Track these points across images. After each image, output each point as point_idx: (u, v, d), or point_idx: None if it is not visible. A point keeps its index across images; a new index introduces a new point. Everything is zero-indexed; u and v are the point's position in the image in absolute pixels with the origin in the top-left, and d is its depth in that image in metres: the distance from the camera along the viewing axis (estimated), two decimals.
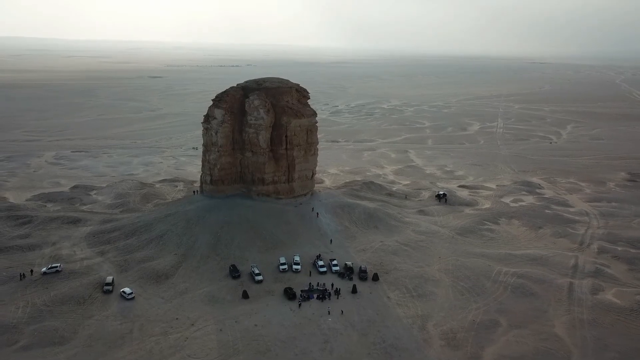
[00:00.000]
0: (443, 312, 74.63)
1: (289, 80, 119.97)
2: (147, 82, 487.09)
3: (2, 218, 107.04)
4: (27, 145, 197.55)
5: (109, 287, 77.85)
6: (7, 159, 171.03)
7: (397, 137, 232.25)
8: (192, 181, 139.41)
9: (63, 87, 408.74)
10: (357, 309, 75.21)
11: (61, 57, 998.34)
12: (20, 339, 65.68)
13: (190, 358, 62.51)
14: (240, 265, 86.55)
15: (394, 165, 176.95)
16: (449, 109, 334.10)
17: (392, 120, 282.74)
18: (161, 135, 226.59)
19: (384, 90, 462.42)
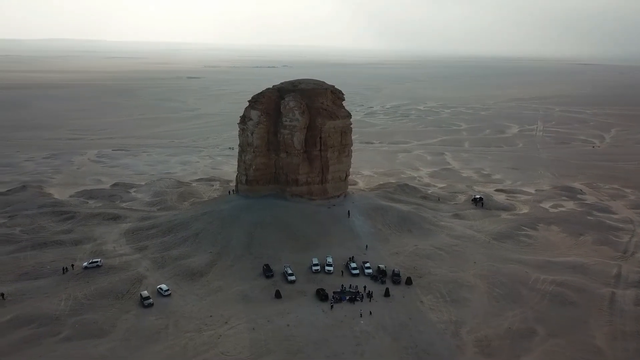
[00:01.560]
0: (477, 319, 73.25)
1: (324, 82, 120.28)
2: (185, 82, 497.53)
3: (47, 213, 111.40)
4: (71, 143, 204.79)
5: (150, 301, 74.97)
6: (53, 157, 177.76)
7: (432, 139, 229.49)
8: (228, 181, 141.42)
9: (105, 88, 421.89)
10: (390, 312, 74.65)
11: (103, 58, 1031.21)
12: (63, 330, 68.09)
13: (224, 355, 63.40)
14: (273, 265, 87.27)
15: (429, 167, 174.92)
16: (487, 111, 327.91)
17: (427, 122, 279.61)
18: (198, 135, 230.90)
19: (420, 91, 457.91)
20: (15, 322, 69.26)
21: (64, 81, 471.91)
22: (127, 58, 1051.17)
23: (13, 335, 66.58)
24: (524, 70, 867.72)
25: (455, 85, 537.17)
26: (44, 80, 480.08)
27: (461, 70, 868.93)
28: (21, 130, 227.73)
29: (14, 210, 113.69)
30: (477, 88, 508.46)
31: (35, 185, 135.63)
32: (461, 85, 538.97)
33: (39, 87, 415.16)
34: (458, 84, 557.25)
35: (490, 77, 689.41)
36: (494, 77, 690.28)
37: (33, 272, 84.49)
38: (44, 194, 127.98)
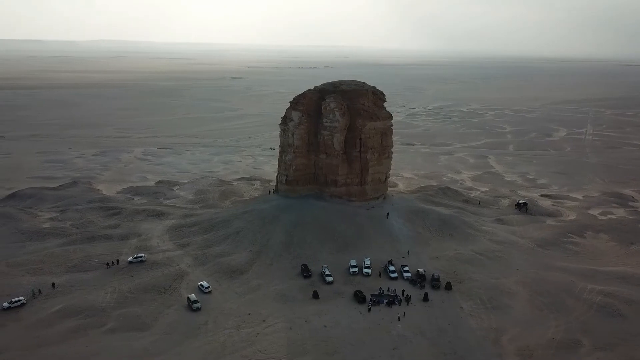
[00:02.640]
0: (519, 327, 71.22)
1: (365, 83, 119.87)
2: (228, 83, 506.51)
3: (95, 209, 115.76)
4: (119, 141, 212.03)
5: (198, 305, 74.36)
6: (102, 154, 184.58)
7: (476, 142, 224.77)
8: (268, 180, 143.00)
9: (152, 88, 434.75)
10: (428, 317, 73.64)
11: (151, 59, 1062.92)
12: (108, 322, 70.58)
13: (261, 353, 64.12)
14: (311, 265, 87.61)
15: (471, 170, 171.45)
16: (532, 114, 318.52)
17: (471, 124, 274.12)
18: (240, 134, 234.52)
19: (464, 93, 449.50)
20: (64, 312, 72.32)
21: (113, 81, 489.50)
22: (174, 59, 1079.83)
23: (62, 325, 69.53)
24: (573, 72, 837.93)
25: (500, 87, 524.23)
26: (95, 80, 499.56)
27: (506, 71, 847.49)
28: (73, 128, 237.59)
29: (65, 205, 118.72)
30: (522, 89, 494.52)
31: (85, 181, 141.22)
32: (506, 87, 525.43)
33: (90, 86, 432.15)
34: (503, 86, 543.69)
35: (537, 78, 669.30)
36: (540, 78, 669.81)
37: (81, 265, 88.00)
38: (93, 190, 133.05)
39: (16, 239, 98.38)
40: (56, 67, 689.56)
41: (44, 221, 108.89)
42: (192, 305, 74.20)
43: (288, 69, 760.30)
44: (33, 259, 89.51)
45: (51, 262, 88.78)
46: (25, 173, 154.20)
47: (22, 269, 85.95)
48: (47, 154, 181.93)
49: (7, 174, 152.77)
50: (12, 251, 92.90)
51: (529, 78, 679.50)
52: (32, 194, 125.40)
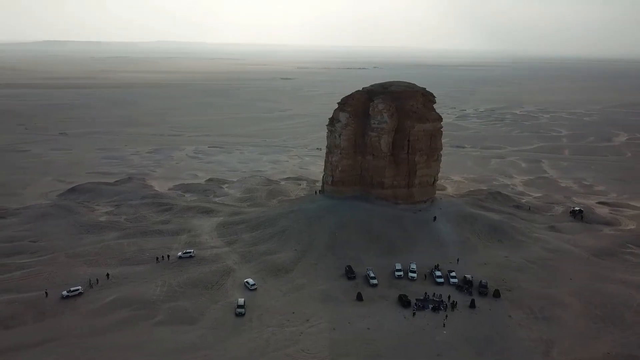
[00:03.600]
0: (571, 339, 68.36)
1: (415, 84, 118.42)
2: (278, 83, 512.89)
3: (148, 204, 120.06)
4: (172, 139, 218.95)
5: (241, 310, 73.56)
6: (155, 151, 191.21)
7: (529, 146, 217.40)
8: (315, 181, 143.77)
9: (204, 87, 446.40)
10: (475, 325, 71.92)
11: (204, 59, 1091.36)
12: (157, 314, 73.05)
13: (304, 353, 64.55)
14: (355, 267, 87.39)
15: (524, 175, 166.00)
16: (591, 117, 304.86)
17: (524, 127, 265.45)
18: (289, 135, 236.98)
19: (518, 95, 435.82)
20: (116, 303, 75.43)
21: (168, 81, 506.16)
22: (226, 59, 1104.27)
23: (114, 315, 72.56)
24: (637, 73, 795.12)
25: (557, 89, 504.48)
26: (151, 80, 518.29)
27: (563, 72, 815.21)
28: (129, 126, 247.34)
29: (120, 200, 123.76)
30: (580, 92, 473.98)
31: (139, 178, 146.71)
32: (563, 89, 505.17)
33: (147, 86, 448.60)
34: (560, 87, 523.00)
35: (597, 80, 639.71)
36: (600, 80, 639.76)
37: (134, 258, 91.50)
38: (146, 186, 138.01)
39: (75, 231, 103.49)
40: (115, 68, 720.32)
41: (100, 215, 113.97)
42: (236, 310, 73.63)
43: (337, 70, 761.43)
44: (90, 251, 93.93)
45: (106, 254, 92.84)
46: (85, 168, 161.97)
47: (79, 259, 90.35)
48: (105, 151, 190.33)
49: (68, 169, 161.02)
50: (71, 243, 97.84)
51: (589, 79, 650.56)
52: (91, 188, 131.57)
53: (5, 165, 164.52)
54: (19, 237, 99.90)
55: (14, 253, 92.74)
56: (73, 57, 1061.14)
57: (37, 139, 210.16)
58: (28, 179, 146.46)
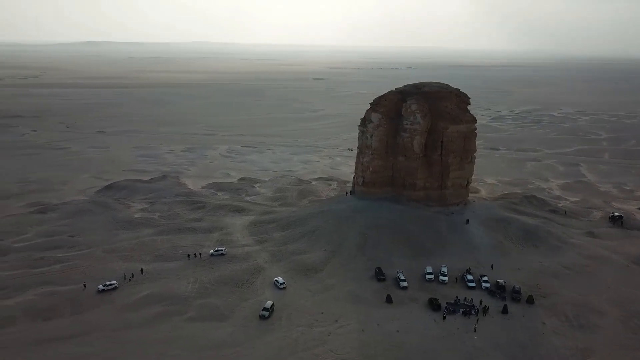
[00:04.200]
0: (608, 349, 66.11)
1: (449, 85, 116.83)
2: (310, 83, 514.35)
3: (182, 202, 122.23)
4: (205, 138, 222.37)
5: (264, 313, 72.64)
6: (189, 150, 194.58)
7: (566, 148, 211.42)
8: (345, 181, 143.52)
9: (237, 87, 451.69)
10: (507, 331, 70.37)
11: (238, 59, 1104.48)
12: (189, 310, 74.28)
13: (332, 353, 64.47)
14: (385, 269, 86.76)
15: (560, 179, 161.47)
16: (633, 119, 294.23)
17: (561, 130, 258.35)
18: (320, 135, 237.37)
19: (555, 96, 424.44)
20: (150, 298, 77.08)
21: (202, 81, 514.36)
22: (259, 60, 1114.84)
23: (148, 310, 74.14)
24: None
25: (597, 90, 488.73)
26: (186, 80, 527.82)
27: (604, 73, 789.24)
28: (165, 125, 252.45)
29: (155, 197, 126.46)
30: (622, 93, 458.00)
31: (174, 176, 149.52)
32: (604, 90, 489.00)
33: (181, 86, 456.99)
34: (600, 89, 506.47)
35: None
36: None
37: (167, 255, 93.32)
38: (180, 184, 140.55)
39: (111, 227, 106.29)
40: (151, 68, 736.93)
41: (135, 211, 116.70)
42: (260, 312, 72.92)
43: (369, 70, 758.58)
44: (125, 247, 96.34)
45: (141, 250, 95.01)
46: (121, 166, 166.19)
47: (115, 255, 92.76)
48: (141, 149, 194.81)
49: (105, 166, 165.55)
50: (107, 238, 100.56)
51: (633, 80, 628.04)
52: (127, 185, 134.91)
53: (46, 162, 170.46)
54: (58, 232, 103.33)
55: (53, 247, 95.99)
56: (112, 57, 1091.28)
57: (76, 137, 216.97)
58: (67, 176, 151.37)
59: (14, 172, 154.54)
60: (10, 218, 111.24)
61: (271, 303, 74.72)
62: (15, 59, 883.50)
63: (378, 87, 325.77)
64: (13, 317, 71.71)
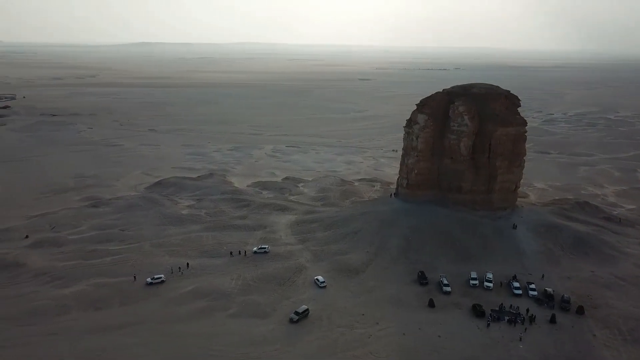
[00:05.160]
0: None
1: (498, 87, 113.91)
2: (356, 84, 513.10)
3: (227, 200, 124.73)
4: (251, 138, 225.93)
5: (294, 317, 71.51)
6: (235, 149, 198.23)
7: (623, 153, 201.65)
8: (389, 183, 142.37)
9: (283, 88, 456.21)
10: (554, 341, 67.93)
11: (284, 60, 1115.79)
12: (232, 306, 75.75)
13: (372, 355, 64.14)
14: (428, 273, 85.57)
15: (616, 185, 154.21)
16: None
17: (618, 133, 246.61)
18: (364, 135, 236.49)
19: (612, 98, 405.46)
20: (194, 293, 79.13)
21: (250, 81, 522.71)
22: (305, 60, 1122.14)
23: (192, 304, 76.14)
24: None
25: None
26: (234, 80, 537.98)
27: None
28: (212, 124, 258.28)
29: (202, 195, 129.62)
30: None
31: (220, 174, 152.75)
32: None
33: (230, 86, 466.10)
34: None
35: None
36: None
37: (212, 251, 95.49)
38: (226, 182, 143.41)
39: (159, 222, 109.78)
40: (201, 68, 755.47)
41: (183, 208, 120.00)
42: (291, 315, 72.03)
43: (416, 71, 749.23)
44: (172, 242, 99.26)
45: (187, 245, 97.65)
46: (170, 163, 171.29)
47: (162, 249, 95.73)
48: (190, 147, 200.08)
49: (155, 163, 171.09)
50: (156, 233, 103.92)
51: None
52: (175, 182, 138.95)
53: (101, 158, 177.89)
54: (110, 226, 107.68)
55: (105, 240, 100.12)
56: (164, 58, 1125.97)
57: (129, 135, 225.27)
58: (120, 172, 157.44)
59: (71, 167, 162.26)
60: (67, 211, 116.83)
61: (305, 308, 73.57)
62: (74, 60, 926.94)
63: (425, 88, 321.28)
64: (68, 305, 75.38)
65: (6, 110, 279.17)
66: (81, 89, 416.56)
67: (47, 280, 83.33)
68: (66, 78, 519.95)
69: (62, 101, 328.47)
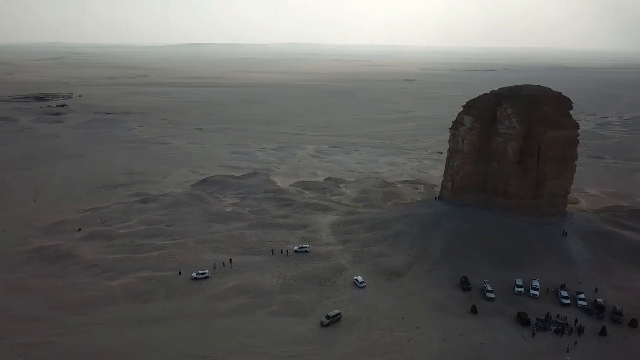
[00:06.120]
0: None
1: (549, 88, 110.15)
2: (401, 85, 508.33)
3: (270, 199, 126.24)
4: (295, 138, 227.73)
5: (325, 320, 71.08)
6: (279, 149, 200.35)
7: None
8: (433, 185, 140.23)
9: (328, 88, 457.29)
10: (604, 355, 65.06)
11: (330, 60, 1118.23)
12: (272, 304, 76.62)
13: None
14: (471, 279, 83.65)
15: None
16: None
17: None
18: (408, 137, 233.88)
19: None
20: (236, 289, 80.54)
21: (295, 81, 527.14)
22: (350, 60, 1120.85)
23: (234, 300, 77.55)
24: None
25: None
26: (279, 80, 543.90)
27: None
28: (257, 124, 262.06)
29: (245, 193, 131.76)
30: None
31: (264, 173, 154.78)
32: None
33: (275, 86, 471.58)
34: None
35: None
36: None
37: (254, 249, 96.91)
38: (269, 181, 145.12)
39: (204, 219, 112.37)
40: (248, 68, 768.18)
41: (227, 205, 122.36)
42: (322, 318, 71.71)
43: (463, 72, 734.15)
44: (216, 238, 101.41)
45: (230, 242, 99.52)
46: (216, 162, 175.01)
47: (206, 245, 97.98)
48: (235, 146, 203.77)
49: (201, 161, 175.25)
50: (200, 229, 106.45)
51: None
52: (220, 180, 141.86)
53: (150, 155, 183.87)
54: (157, 221, 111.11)
55: (152, 235, 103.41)
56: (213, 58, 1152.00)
57: (177, 133, 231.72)
58: (168, 169, 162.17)
59: (122, 164, 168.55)
60: (117, 206, 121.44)
61: (337, 312, 72.87)
62: (127, 60, 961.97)
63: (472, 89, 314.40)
64: (116, 297, 78.40)
65: (64, 109, 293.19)
66: (133, 88, 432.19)
67: (98, 272, 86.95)
68: (119, 78, 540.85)
69: (115, 100, 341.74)
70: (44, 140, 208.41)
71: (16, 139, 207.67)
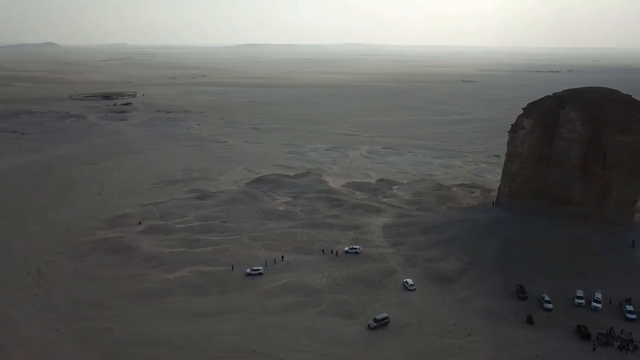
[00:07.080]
0: None
1: (618, 91, 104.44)
2: (459, 86, 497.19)
3: (322, 199, 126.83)
4: (348, 138, 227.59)
5: (372, 323, 70.78)
6: (332, 149, 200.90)
7: None
8: (489, 189, 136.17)
9: (384, 89, 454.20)
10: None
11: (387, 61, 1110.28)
12: (321, 304, 76.93)
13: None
14: (528, 288, 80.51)
15: None
16: None
17: None
18: (465, 139, 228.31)
19: None
20: (287, 287, 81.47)
21: (351, 82, 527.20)
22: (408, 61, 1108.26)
23: (284, 298, 78.47)
24: None
25: None
26: (335, 80, 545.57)
27: None
28: (311, 124, 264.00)
29: (298, 192, 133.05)
30: None
31: (316, 173, 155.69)
32: None
33: (331, 86, 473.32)
34: None
35: None
36: None
37: (305, 247, 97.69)
38: (321, 181, 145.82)
39: (258, 217, 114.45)
40: (304, 69, 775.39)
41: (279, 204, 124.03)
42: (370, 321, 71.19)
43: (524, 73, 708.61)
44: (268, 236, 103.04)
45: (282, 241, 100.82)
46: (270, 161, 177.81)
47: (259, 243, 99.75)
48: (289, 146, 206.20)
49: (256, 160, 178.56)
50: (254, 226, 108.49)
51: None
52: (274, 179, 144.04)
53: (208, 153, 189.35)
54: (213, 217, 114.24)
55: (207, 231, 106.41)
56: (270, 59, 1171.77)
57: (233, 132, 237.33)
58: (224, 167, 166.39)
59: (181, 161, 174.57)
60: (175, 201, 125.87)
61: (385, 315, 72.06)
62: (188, 61, 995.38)
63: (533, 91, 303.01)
64: (172, 289, 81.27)
65: (128, 107, 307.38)
66: (193, 87, 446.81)
67: (156, 264, 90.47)
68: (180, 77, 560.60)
69: (175, 99, 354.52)
70: (109, 136, 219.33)
71: (85, 136, 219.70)
